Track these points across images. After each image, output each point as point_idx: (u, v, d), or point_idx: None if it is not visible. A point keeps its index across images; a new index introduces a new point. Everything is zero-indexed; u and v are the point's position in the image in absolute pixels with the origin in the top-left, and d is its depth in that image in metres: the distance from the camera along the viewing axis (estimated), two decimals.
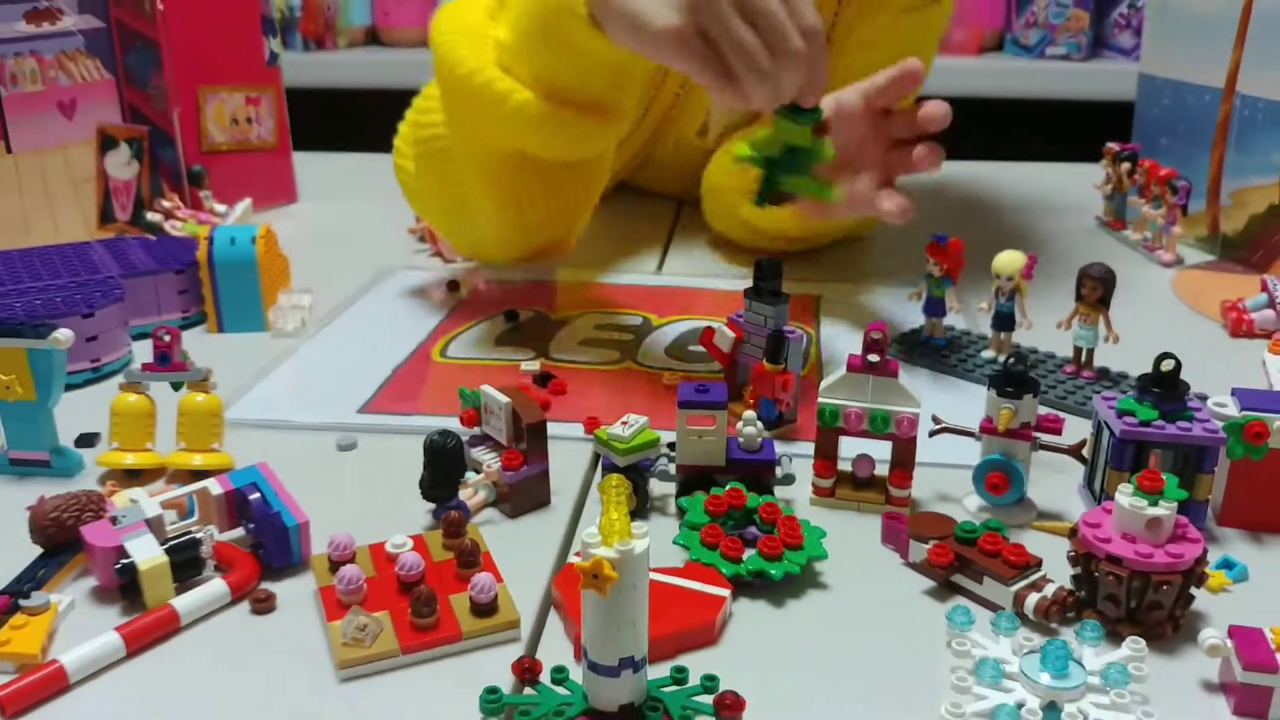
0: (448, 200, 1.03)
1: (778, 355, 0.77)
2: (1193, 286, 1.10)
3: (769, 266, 0.80)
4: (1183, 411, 0.66)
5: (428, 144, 1.00)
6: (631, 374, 0.89)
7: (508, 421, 0.69)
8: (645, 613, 0.48)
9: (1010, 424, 0.67)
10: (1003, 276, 0.88)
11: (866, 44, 1.12)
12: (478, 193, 0.99)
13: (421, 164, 1.02)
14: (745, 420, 0.69)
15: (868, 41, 1.12)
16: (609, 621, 0.48)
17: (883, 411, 0.68)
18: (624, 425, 0.68)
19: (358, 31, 2.59)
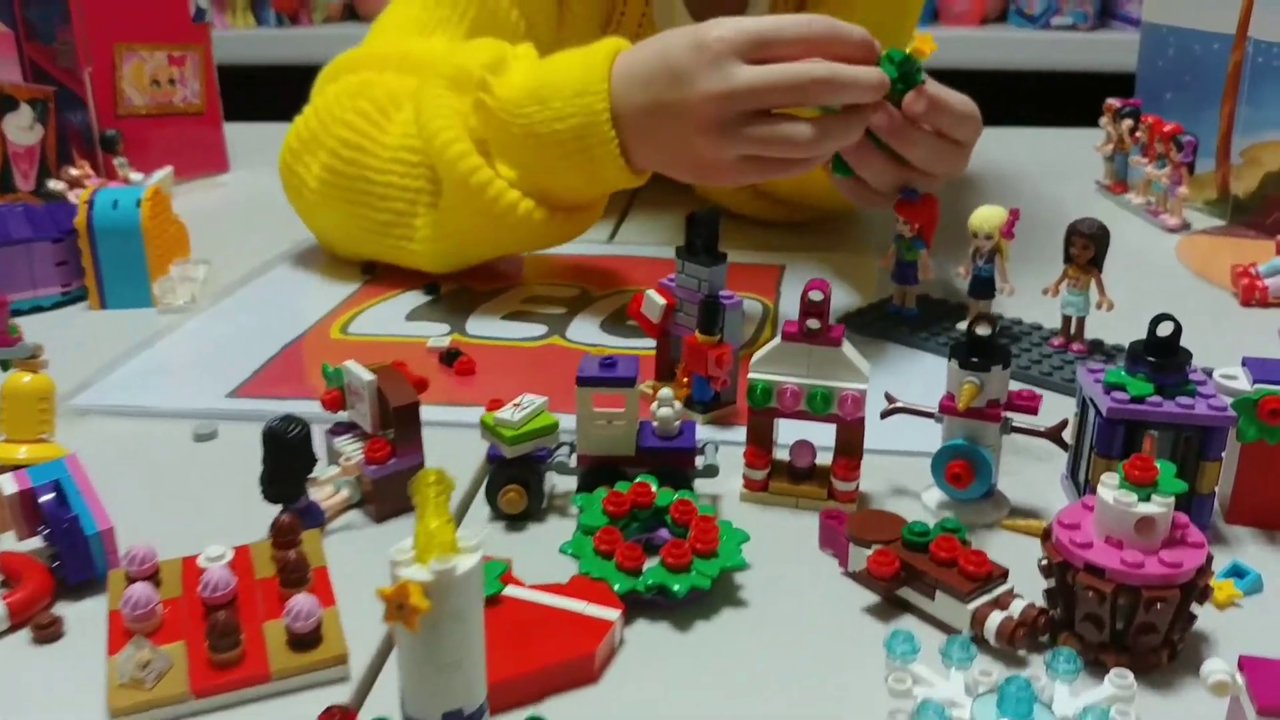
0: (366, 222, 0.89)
1: (711, 324, 0.65)
2: (1200, 252, 0.98)
3: (703, 220, 0.68)
4: (1184, 385, 0.54)
5: (357, 183, 0.87)
6: (556, 351, 0.78)
7: (372, 405, 0.58)
8: (478, 650, 0.37)
9: (974, 401, 0.55)
10: (980, 234, 0.76)
11: (844, 4, 1.00)
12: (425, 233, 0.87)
13: (338, 194, 0.89)
14: (660, 400, 0.58)
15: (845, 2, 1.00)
16: (426, 663, 0.37)
17: (823, 388, 0.57)
18: (515, 408, 0.57)
19: (335, 6, 2.49)
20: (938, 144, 0.74)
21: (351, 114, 0.87)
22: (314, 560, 0.51)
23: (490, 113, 0.79)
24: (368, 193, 0.86)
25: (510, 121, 0.78)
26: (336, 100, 0.88)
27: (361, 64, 0.91)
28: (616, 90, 0.74)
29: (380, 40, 0.94)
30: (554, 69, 0.78)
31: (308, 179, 0.89)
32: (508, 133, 0.79)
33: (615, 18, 1.01)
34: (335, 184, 0.88)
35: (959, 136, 0.74)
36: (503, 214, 0.81)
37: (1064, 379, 0.72)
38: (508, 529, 0.57)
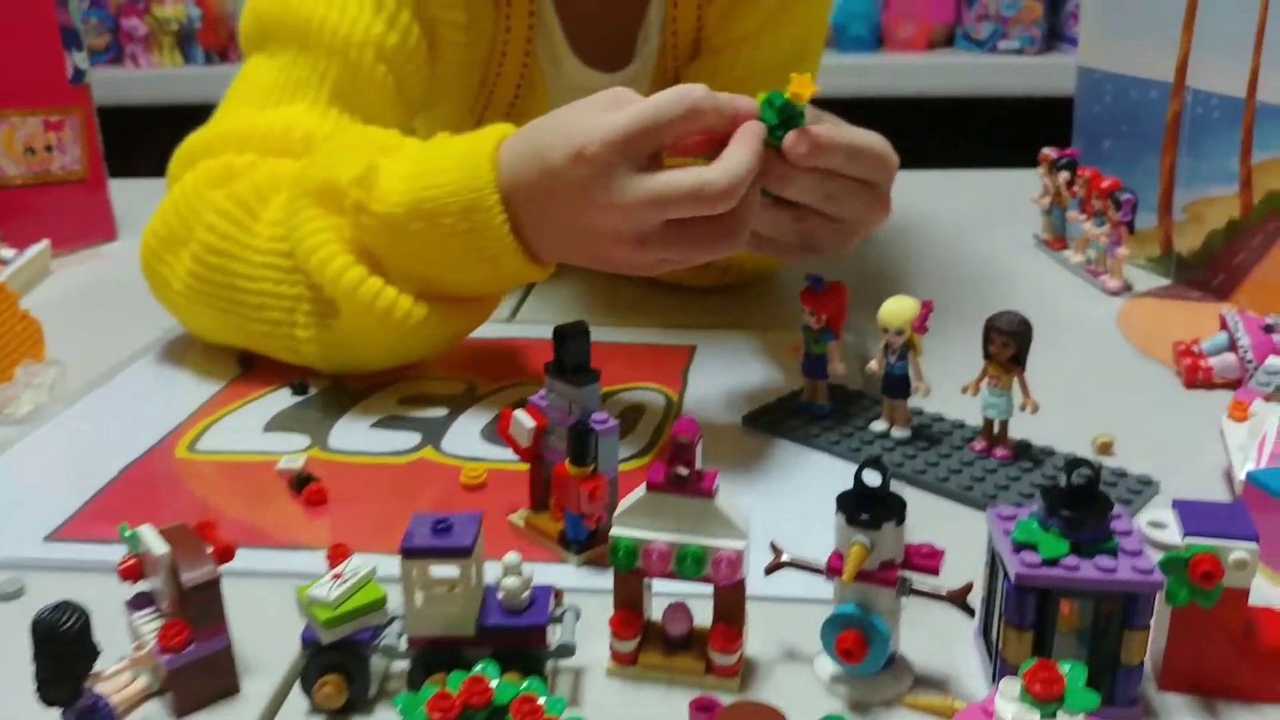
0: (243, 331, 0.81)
1: (583, 455, 0.58)
2: (1143, 321, 0.92)
3: (571, 334, 0.60)
4: (1104, 541, 0.47)
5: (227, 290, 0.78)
6: (426, 468, 0.70)
7: (167, 581, 0.50)
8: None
9: (863, 565, 0.48)
10: (891, 330, 0.69)
11: (748, 37, 0.94)
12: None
13: (208, 301, 0.80)
14: (506, 567, 0.50)
15: (750, 33, 0.93)
16: None
17: (695, 547, 0.49)
18: (336, 580, 0.49)
19: None
20: (832, 184, 0.65)
21: (213, 214, 0.78)
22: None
23: (373, 230, 0.71)
24: (240, 301, 0.78)
25: (396, 239, 0.71)
26: (196, 192, 0.80)
27: (218, 145, 0.83)
28: (506, 191, 0.68)
29: (235, 113, 0.85)
30: (433, 174, 0.70)
31: (173, 280, 0.81)
32: (394, 249, 0.71)
33: (494, 69, 0.94)
34: (203, 290, 0.79)
35: (860, 174, 0.65)
36: (399, 324, 0.73)
37: (985, 494, 0.65)
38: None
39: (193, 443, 0.73)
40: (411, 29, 0.85)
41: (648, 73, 0.98)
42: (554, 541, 0.61)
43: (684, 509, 0.50)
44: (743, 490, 0.66)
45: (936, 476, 0.66)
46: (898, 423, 0.71)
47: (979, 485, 0.65)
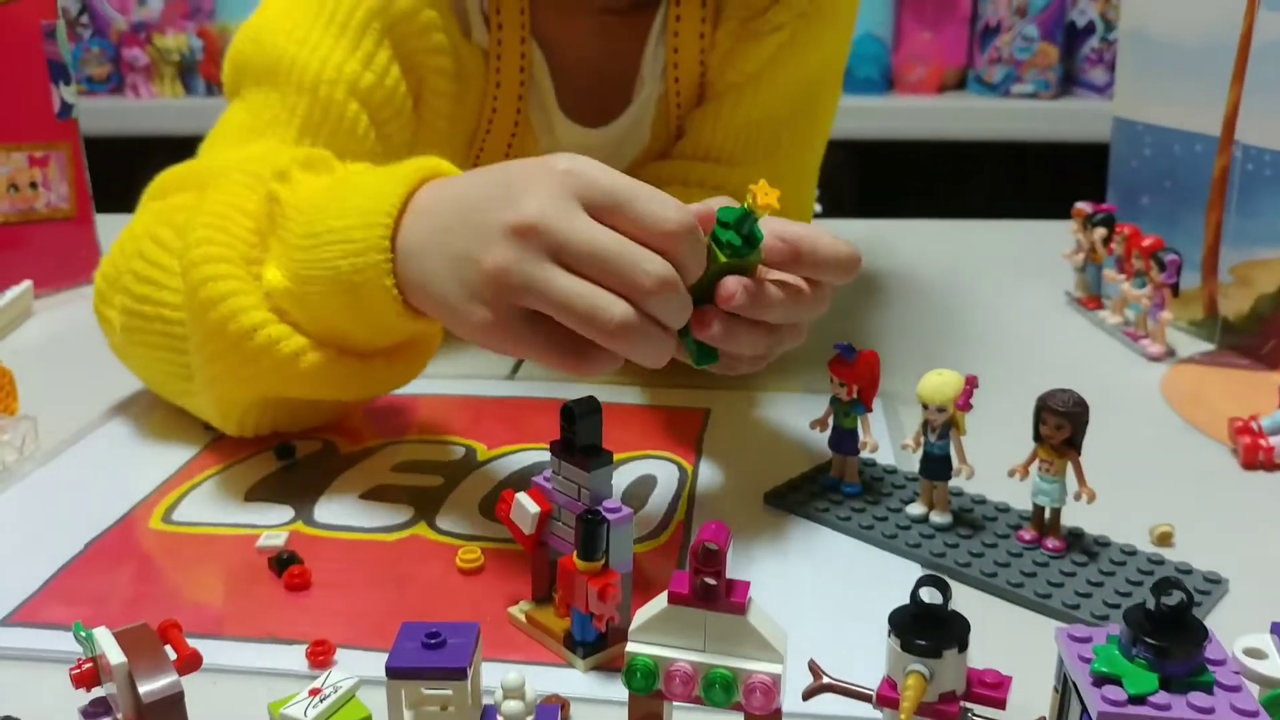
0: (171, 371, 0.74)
1: (593, 548, 0.52)
2: (1188, 390, 0.86)
3: (581, 410, 0.54)
4: (1198, 675, 0.41)
5: (154, 323, 0.72)
6: (418, 547, 0.64)
7: (125, 692, 0.43)
8: None
9: (922, 698, 0.41)
10: (931, 407, 0.63)
11: (750, 80, 0.89)
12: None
13: (138, 338, 0.74)
14: (506, 687, 0.44)
15: (751, 76, 0.89)
16: None
17: (724, 671, 0.43)
18: (312, 696, 0.43)
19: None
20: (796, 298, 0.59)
21: (149, 243, 0.72)
22: None
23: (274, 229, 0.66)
24: (167, 334, 0.71)
25: (290, 250, 0.65)
26: (143, 228, 0.74)
27: (184, 183, 0.77)
28: (410, 217, 0.60)
29: (207, 153, 0.81)
30: (354, 182, 0.65)
31: (114, 321, 0.75)
32: (289, 258, 0.65)
33: (484, 123, 0.89)
34: (133, 326, 0.73)
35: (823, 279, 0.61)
36: (257, 353, 0.66)
37: (1037, 593, 0.58)
38: None
39: (167, 512, 0.67)
40: (390, 70, 0.80)
41: (645, 123, 0.93)
42: (558, 642, 0.55)
43: (712, 625, 0.44)
44: (767, 580, 0.60)
45: (982, 570, 0.60)
46: (937, 506, 0.65)
47: (1030, 581, 0.59)
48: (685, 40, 0.89)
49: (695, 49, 0.90)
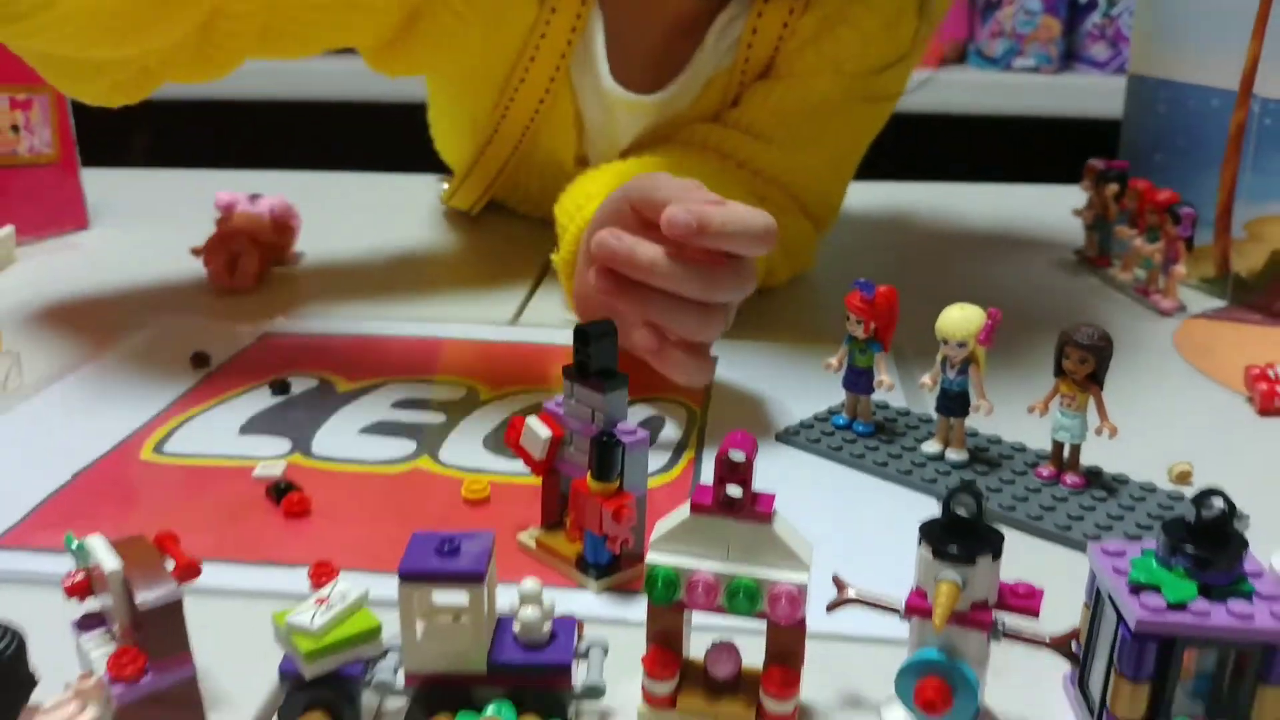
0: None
1: (608, 469, 0.50)
2: (1202, 342, 0.84)
3: (597, 334, 0.53)
4: (1237, 584, 0.40)
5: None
6: (422, 479, 0.62)
7: (121, 600, 0.42)
8: None
9: (954, 606, 0.40)
10: (952, 342, 0.61)
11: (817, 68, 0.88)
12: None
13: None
14: (523, 595, 0.42)
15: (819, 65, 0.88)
16: None
17: (749, 580, 0.41)
18: (321, 606, 0.41)
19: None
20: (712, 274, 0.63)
21: None
22: None
23: None
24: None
25: None
26: None
27: None
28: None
29: None
30: None
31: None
32: None
33: (520, 70, 0.88)
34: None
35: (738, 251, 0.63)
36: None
37: (1057, 525, 0.57)
38: None
39: (159, 444, 0.65)
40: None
41: (695, 92, 0.91)
42: (570, 565, 0.53)
43: (736, 535, 0.42)
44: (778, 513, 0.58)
45: (1001, 504, 0.59)
46: (953, 444, 0.64)
47: (1049, 515, 0.58)
48: (768, 21, 0.87)
49: (776, 31, 0.88)
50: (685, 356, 0.65)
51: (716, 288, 0.63)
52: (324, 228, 1.08)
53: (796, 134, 0.89)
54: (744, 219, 0.61)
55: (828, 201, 0.96)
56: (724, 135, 0.89)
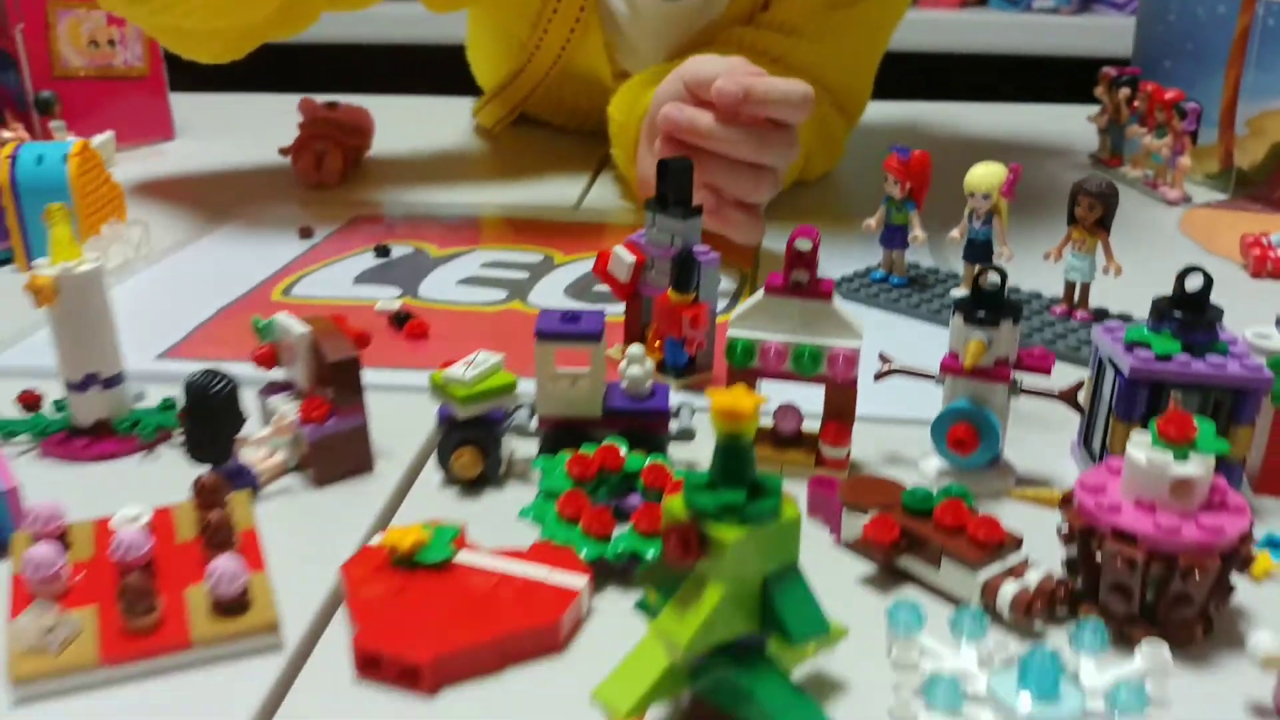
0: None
1: (686, 282, 0.59)
2: (1205, 225, 0.93)
3: (676, 169, 0.62)
4: (1214, 344, 0.49)
5: None
6: (517, 317, 0.72)
7: (307, 360, 0.52)
8: (104, 333, 0.54)
9: (981, 360, 0.49)
10: (978, 194, 0.71)
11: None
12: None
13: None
14: (630, 358, 0.52)
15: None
16: (66, 338, 0.53)
17: (812, 346, 0.51)
18: (468, 365, 0.51)
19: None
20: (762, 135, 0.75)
21: None
22: (242, 523, 0.45)
23: None
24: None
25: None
26: None
27: None
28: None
29: None
30: None
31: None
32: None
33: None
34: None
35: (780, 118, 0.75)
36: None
37: (1068, 347, 0.66)
38: (461, 495, 0.51)
39: (287, 289, 0.75)
40: None
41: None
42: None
43: (802, 312, 0.52)
44: None
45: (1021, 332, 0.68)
46: None
47: (1061, 341, 0.67)
48: None
49: None
50: (740, 214, 0.75)
51: (766, 150, 0.73)
52: (391, 138, 1.17)
53: (824, 24, 0.96)
54: (783, 87, 0.71)
55: (856, 93, 1.05)
56: (757, 35, 0.97)
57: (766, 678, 0.35)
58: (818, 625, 0.34)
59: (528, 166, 1.11)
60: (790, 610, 0.34)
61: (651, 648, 0.36)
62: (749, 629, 0.35)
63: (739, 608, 0.34)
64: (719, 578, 0.33)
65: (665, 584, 0.36)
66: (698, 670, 0.36)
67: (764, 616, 0.34)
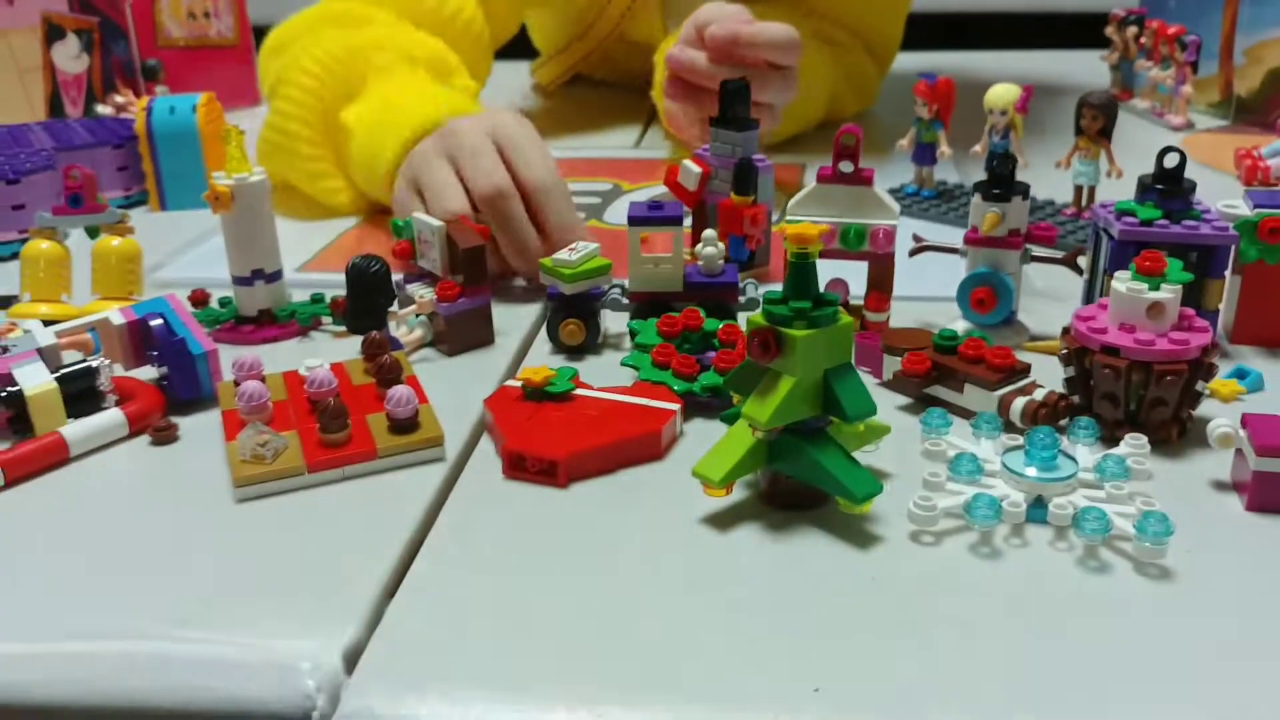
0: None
1: (747, 185, 0.70)
2: (1205, 147, 1.03)
3: (734, 90, 0.73)
4: (1189, 211, 0.59)
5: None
6: (596, 232, 0.83)
7: (442, 250, 0.63)
8: (268, 235, 0.65)
9: (996, 228, 0.60)
10: (995, 111, 0.81)
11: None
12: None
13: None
14: (705, 240, 0.63)
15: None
16: (235, 240, 0.64)
17: (857, 225, 0.62)
18: (571, 251, 0.62)
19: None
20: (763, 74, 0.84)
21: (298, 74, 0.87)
22: (405, 370, 0.56)
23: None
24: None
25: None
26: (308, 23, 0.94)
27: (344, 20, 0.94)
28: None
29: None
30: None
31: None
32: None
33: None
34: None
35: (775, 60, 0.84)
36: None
37: (1077, 242, 0.76)
38: (567, 360, 0.62)
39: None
40: None
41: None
42: None
43: (847, 197, 0.62)
44: None
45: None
46: None
47: (1071, 237, 0.77)
48: None
49: None
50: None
51: (762, 89, 0.82)
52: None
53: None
54: (769, 32, 0.82)
55: (887, 38, 1.14)
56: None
57: (830, 450, 0.46)
58: (867, 406, 0.45)
59: (585, 120, 1.21)
60: (846, 394, 0.45)
61: (738, 433, 0.47)
62: (814, 413, 0.45)
63: (806, 395, 0.45)
64: (790, 371, 0.44)
65: (747, 386, 0.46)
66: (775, 449, 0.46)
67: (826, 402, 0.45)
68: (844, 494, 0.44)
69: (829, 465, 0.45)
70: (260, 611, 0.41)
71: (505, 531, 0.46)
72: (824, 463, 0.45)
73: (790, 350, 0.44)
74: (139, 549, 0.45)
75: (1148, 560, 0.42)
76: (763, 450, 0.47)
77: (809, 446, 0.45)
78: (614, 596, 0.42)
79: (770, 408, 0.44)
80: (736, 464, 0.46)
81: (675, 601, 0.41)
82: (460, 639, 0.39)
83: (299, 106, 0.84)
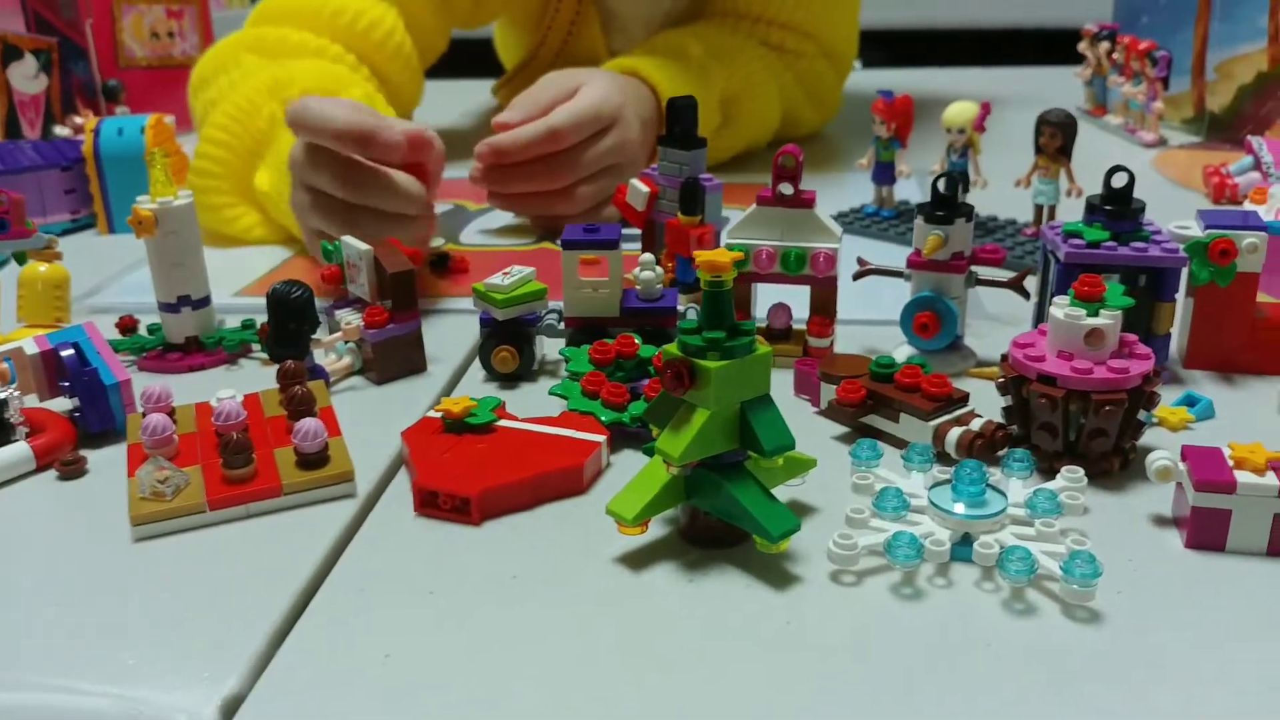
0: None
1: (693, 205, 0.68)
2: (1176, 164, 1.01)
3: (682, 107, 0.71)
4: (1138, 232, 0.57)
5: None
6: (548, 254, 0.81)
7: (370, 275, 0.61)
8: (195, 260, 0.64)
9: (938, 252, 0.58)
10: (953, 129, 0.79)
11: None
12: None
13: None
14: (643, 264, 0.61)
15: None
16: (160, 266, 0.63)
17: (797, 249, 0.60)
18: (505, 275, 0.60)
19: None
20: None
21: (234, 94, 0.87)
22: (320, 401, 0.54)
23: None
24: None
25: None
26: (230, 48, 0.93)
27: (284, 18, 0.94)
28: None
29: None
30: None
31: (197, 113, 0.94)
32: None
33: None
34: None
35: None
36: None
37: (1035, 261, 0.75)
38: (500, 389, 0.60)
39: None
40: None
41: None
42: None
43: (788, 219, 0.60)
44: None
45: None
46: None
47: (1030, 258, 0.76)
48: None
49: None
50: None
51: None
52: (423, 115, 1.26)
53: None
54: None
55: (842, 40, 1.12)
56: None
57: (747, 485, 0.44)
58: (785, 440, 0.43)
59: None
60: (763, 428, 0.43)
61: (653, 469, 0.45)
62: (730, 446, 0.43)
63: (722, 428, 0.43)
64: (705, 403, 0.42)
65: (663, 418, 0.44)
66: (692, 484, 0.44)
67: (742, 435, 0.43)
68: (759, 532, 0.42)
69: (745, 501, 0.43)
70: (143, 660, 0.39)
71: (410, 574, 0.44)
72: (740, 499, 0.43)
73: (704, 382, 0.42)
74: (29, 590, 0.43)
75: (1075, 603, 0.40)
76: (680, 486, 0.45)
77: (725, 482, 0.43)
78: (517, 644, 0.40)
79: (683, 442, 0.42)
80: (651, 501, 0.44)
81: (581, 648, 0.39)
82: (348, 689, 0.37)
83: (215, 164, 0.84)
